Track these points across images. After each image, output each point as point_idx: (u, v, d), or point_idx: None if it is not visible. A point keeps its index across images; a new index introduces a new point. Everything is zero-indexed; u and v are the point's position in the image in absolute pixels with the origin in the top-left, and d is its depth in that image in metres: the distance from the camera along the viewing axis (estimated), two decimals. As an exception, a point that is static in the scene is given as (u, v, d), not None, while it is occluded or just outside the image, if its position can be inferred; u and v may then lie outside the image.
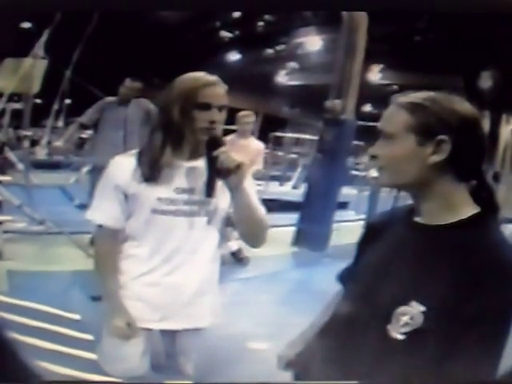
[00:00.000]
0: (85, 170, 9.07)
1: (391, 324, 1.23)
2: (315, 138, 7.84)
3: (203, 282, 1.99)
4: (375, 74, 16.71)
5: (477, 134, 1.29)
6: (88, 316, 3.40)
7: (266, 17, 17.00)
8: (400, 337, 1.21)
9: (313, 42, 17.92)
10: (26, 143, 8.78)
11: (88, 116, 5.64)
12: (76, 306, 3.72)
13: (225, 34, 17.97)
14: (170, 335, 2.04)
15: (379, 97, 15.15)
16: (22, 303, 3.45)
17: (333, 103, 7.03)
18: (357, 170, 12.14)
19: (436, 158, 1.24)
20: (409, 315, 1.20)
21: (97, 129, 5.66)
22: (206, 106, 1.83)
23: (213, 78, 1.89)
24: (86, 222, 5.22)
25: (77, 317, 3.51)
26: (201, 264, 1.97)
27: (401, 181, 1.31)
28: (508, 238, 1.26)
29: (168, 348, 2.07)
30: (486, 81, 17.73)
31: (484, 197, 1.30)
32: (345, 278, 1.58)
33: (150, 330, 1.98)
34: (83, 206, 6.87)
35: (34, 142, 12.03)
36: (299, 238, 6.57)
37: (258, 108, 23.11)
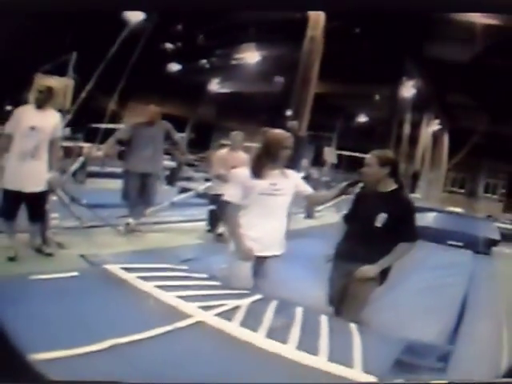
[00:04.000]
0: (71, 171, 10.37)
1: (375, 221, 3.77)
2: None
3: (281, 229, 4.20)
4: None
5: (396, 163, 4.09)
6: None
7: (207, 30, 18.50)
8: (379, 225, 3.79)
9: (251, 56, 20.12)
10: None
11: (123, 133, 7.37)
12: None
13: (168, 45, 19.40)
14: (262, 261, 4.15)
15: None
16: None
17: (292, 124, 9.49)
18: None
19: (385, 171, 3.95)
20: (381, 217, 3.78)
21: (129, 143, 7.28)
22: (286, 148, 4.09)
23: (288, 134, 4.16)
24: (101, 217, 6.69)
25: (185, 267, 4.77)
26: (281, 219, 4.19)
27: (371, 179, 3.93)
28: (410, 197, 4.24)
29: (258, 271, 4.16)
30: (409, 89, 20.35)
31: (398, 181, 4.03)
32: (346, 218, 4.19)
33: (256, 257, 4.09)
34: (92, 206, 7.95)
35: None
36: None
37: (190, 115, 24.72)
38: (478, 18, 14.80)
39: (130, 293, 3.68)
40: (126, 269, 4.13)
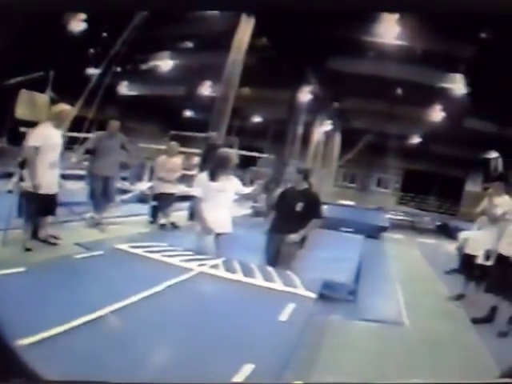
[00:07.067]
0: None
1: (296, 207, 6.53)
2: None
3: (229, 215, 6.54)
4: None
5: (307, 171, 7.14)
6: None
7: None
8: (298, 210, 6.58)
9: (164, 63, 22.13)
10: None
11: (91, 143, 9.08)
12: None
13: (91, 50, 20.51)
14: (218, 236, 6.38)
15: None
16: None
17: (211, 135, 11.98)
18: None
19: (300, 177, 6.85)
20: (299, 205, 6.47)
21: (94, 151, 8.97)
22: (232, 162, 6.56)
23: (235, 152, 6.89)
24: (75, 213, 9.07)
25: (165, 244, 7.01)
26: (228, 208, 6.53)
27: (292, 181, 6.81)
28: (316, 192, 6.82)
29: (216, 243, 6.40)
30: (305, 94, 22.52)
31: (308, 183, 6.87)
32: (275, 205, 6.87)
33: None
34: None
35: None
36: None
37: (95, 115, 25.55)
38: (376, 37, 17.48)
39: (145, 261, 5.71)
40: (132, 247, 6.21)
